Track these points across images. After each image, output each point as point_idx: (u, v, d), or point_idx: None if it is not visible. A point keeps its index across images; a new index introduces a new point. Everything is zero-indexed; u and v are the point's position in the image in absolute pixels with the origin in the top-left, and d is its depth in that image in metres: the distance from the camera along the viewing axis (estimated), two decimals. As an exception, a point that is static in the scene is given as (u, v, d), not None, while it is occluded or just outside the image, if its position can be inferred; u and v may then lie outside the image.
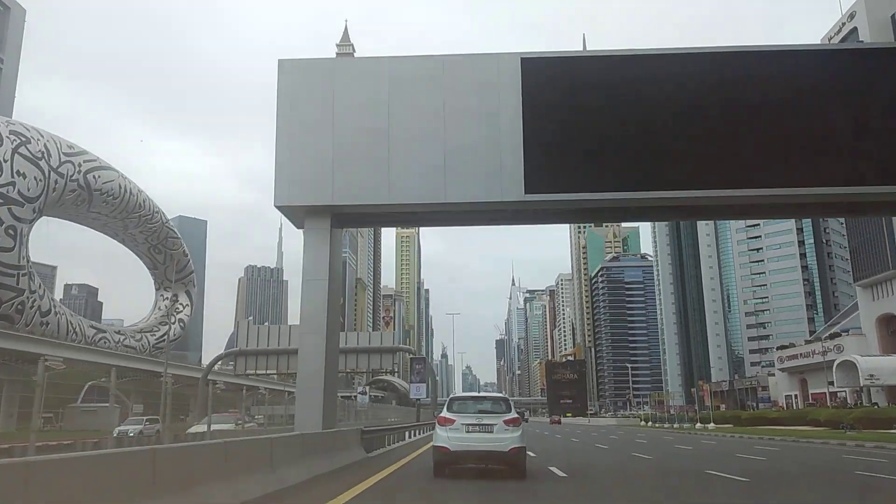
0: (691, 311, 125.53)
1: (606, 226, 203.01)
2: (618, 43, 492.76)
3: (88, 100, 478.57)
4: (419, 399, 59.22)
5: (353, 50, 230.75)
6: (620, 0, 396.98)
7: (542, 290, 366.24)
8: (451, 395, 13.55)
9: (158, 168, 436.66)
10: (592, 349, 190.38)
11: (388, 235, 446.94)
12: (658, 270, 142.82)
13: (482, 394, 16.48)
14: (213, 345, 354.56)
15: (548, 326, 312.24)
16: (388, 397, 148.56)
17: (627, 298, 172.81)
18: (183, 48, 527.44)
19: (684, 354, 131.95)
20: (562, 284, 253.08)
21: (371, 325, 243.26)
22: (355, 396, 75.00)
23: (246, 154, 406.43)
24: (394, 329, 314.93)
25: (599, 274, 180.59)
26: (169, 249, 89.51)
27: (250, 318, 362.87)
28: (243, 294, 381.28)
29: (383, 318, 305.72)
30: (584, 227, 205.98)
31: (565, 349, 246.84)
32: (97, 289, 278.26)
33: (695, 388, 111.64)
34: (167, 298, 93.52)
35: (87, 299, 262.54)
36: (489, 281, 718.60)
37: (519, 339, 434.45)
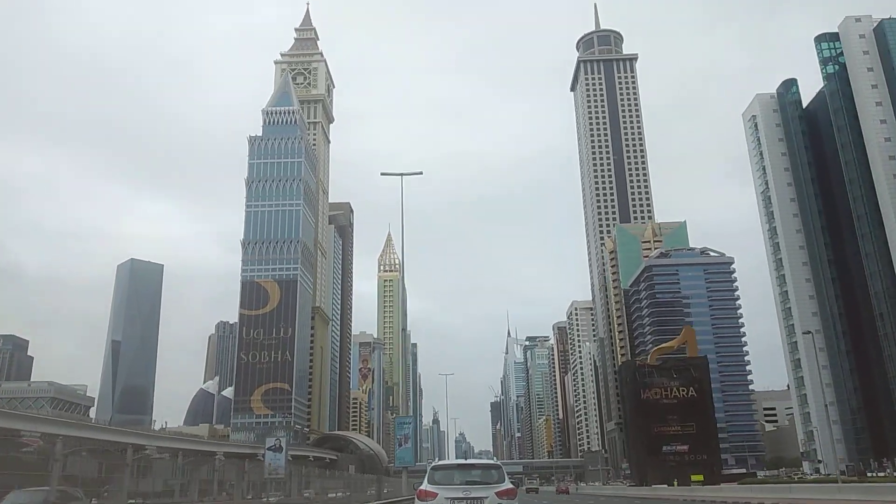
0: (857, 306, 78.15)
1: (640, 220, 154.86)
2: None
3: (70, 164, 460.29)
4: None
5: (317, 35, 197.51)
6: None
7: (545, 338, 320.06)
8: (433, 464, 12.13)
9: (139, 233, 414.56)
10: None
11: (363, 275, 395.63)
12: (781, 232, 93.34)
13: (470, 461, 13.63)
14: (171, 408, 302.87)
15: (556, 374, 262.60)
16: (342, 460, 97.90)
17: (684, 309, 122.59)
18: (164, 112, 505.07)
19: (840, 375, 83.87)
20: (576, 315, 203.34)
21: (337, 371, 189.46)
22: (262, 455, 50.68)
23: (230, 218, 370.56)
24: (372, 383, 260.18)
25: (641, 280, 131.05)
26: None
27: (216, 378, 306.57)
28: (213, 352, 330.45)
29: (360, 370, 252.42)
30: (610, 224, 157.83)
31: (584, 395, 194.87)
32: (27, 341, 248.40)
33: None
34: None
35: (12, 353, 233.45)
36: (481, 343, 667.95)
37: (518, 396, 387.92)
